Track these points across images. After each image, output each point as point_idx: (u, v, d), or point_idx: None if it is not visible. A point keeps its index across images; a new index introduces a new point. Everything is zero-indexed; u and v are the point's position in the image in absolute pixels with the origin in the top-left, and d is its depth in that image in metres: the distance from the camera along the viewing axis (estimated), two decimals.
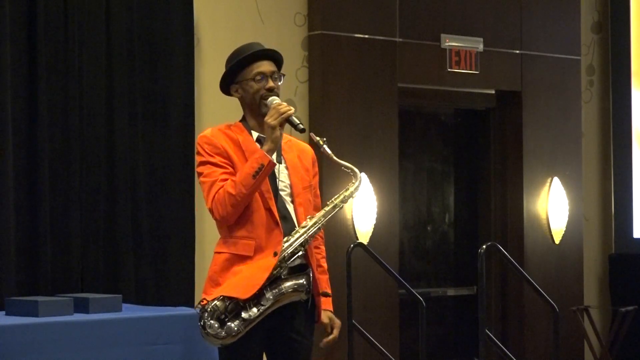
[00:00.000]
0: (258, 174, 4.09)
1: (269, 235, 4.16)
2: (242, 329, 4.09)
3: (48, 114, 6.00)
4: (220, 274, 4.17)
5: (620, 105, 8.75)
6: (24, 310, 4.96)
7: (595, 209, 8.77)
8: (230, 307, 4.11)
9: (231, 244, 4.18)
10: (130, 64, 6.35)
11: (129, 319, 5.06)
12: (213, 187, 4.17)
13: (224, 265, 4.17)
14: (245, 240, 4.16)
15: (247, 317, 4.09)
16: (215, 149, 4.22)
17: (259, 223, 4.17)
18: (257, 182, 4.11)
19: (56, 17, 6.06)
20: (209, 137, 4.26)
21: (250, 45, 4.36)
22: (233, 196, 4.11)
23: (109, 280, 6.17)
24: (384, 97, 7.37)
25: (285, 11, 7.11)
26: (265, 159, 4.10)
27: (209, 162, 4.22)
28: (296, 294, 4.16)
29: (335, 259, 6.83)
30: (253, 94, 4.27)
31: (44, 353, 4.72)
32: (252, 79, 4.27)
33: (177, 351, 5.04)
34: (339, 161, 4.31)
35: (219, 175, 4.18)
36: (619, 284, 8.59)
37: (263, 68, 4.28)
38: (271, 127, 4.13)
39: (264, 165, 4.10)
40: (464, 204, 8.32)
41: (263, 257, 4.14)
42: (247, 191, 4.10)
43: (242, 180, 4.11)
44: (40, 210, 5.94)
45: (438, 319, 8.09)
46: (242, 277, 4.12)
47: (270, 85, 4.26)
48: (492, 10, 7.98)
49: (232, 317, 4.10)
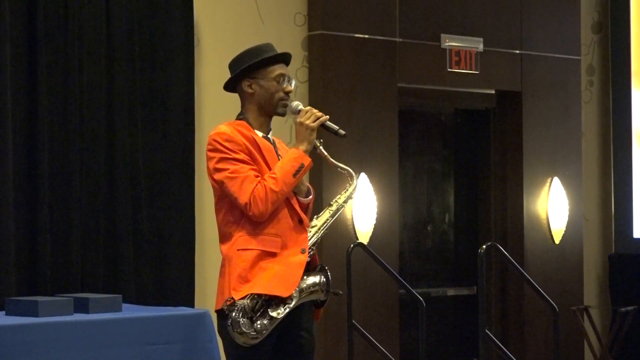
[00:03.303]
0: (298, 172, 4.19)
1: (292, 232, 4.22)
2: (270, 327, 4.11)
3: (48, 114, 6.00)
4: (250, 271, 4.17)
5: (620, 105, 8.75)
6: (24, 310, 4.96)
7: (595, 209, 8.77)
8: (258, 306, 4.12)
9: (258, 240, 4.19)
10: (130, 64, 6.34)
11: (129, 319, 5.06)
12: (248, 182, 4.17)
13: (253, 261, 4.17)
14: (272, 237, 4.19)
15: (275, 315, 4.12)
16: (237, 146, 4.23)
17: (285, 221, 4.21)
18: (296, 181, 4.21)
19: (56, 17, 6.06)
20: (228, 134, 4.25)
21: (268, 45, 4.41)
22: (276, 193, 4.16)
23: (109, 280, 6.17)
24: (384, 97, 7.37)
25: (285, 11, 7.11)
26: (307, 159, 4.21)
27: (234, 158, 4.21)
28: (317, 292, 4.20)
29: (335, 259, 6.83)
30: (273, 93, 4.31)
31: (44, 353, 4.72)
32: (274, 79, 4.31)
33: (177, 351, 5.04)
34: (335, 163, 4.35)
35: (249, 172, 4.19)
36: (619, 284, 8.60)
37: (284, 70, 4.37)
38: (311, 128, 4.25)
39: (304, 165, 4.20)
40: (464, 204, 8.32)
41: (290, 255, 4.17)
42: (288, 189, 4.19)
43: (284, 178, 4.18)
44: (40, 210, 5.94)
45: (438, 319, 8.09)
46: (274, 274, 4.13)
47: (289, 89, 4.34)
48: (492, 10, 7.98)
49: (259, 316, 4.12)
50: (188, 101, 6.53)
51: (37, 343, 4.71)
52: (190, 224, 6.50)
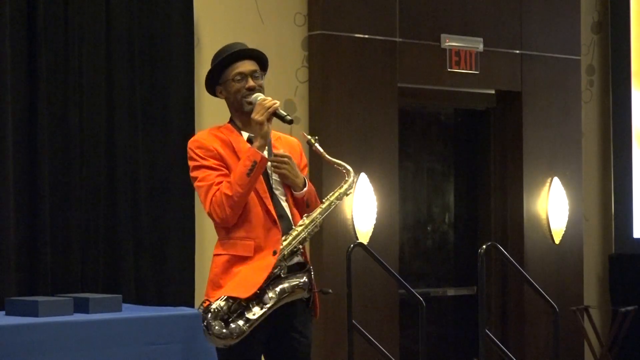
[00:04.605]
0: (252, 171, 4.11)
1: (267, 234, 4.17)
2: (246, 328, 4.10)
3: (48, 114, 6.00)
4: (221, 276, 4.18)
5: (620, 105, 8.75)
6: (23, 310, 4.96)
7: (595, 209, 8.77)
8: (233, 308, 4.12)
9: (230, 245, 4.19)
10: (130, 64, 6.35)
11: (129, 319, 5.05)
12: (210, 191, 4.17)
13: (224, 267, 4.18)
14: (244, 241, 4.17)
15: (251, 316, 4.11)
16: (208, 152, 4.22)
17: (257, 223, 4.18)
18: (252, 179, 4.12)
19: (56, 17, 6.06)
20: (200, 140, 4.27)
21: (231, 45, 4.39)
22: (230, 197, 4.11)
23: (109, 280, 6.17)
24: (384, 97, 7.37)
25: (285, 11, 7.10)
26: (257, 155, 4.12)
27: (203, 165, 4.22)
28: (299, 291, 4.17)
29: (335, 259, 6.84)
30: (234, 94, 4.29)
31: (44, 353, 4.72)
32: (232, 79, 4.29)
33: (177, 351, 5.03)
34: (331, 159, 4.33)
35: (215, 179, 4.18)
36: (619, 284, 8.59)
37: (242, 68, 4.30)
38: (259, 123, 4.15)
39: (257, 162, 4.11)
40: (464, 204, 8.32)
41: (263, 257, 4.14)
42: (243, 190, 4.11)
43: (237, 179, 4.12)
44: (40, 210, 5.94)
45: (438, 319, 8.09)
46: (242, 277, 4.13)
47: (250, 85, 4.28)
48: (492, 10, 7.98)
49: (235, 317, 4.12)
50: (188, 101, 6.53)
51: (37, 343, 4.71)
52: (190, 223, 6.50)
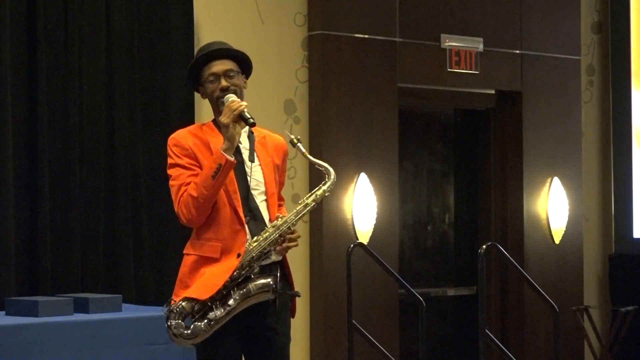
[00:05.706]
0: (217, 173, 4.06)
1: (234, 236, 4.15)
2: (208, 329, 4.10)
3: (48, 114, 6.00)
4: (189, 276, 4.18)
5: (620, 105, 8.75)
6: (24, 310, 4.97)
7: (595, 209, 8.77)
8: (197, 308, 4.12)
9: (198, 246, 4.18)
10: (130, 64, 6.35)
11: (129, 319, 5.06)
12: (179, 191, 4.16)
13: (192, 267, 4.18)
14: (212, 242, 4.16)
15: (213, 317, 4.10)
16: (183, 151, 4.20)
17: (225, 224, 4.16)
18: (217, 182, 4.08)
19: (56, 17, 6.06)
20: (177, 138, 4.24)
21: (208, 45, 4.36)
22: (195, 198, 4.09)
23: (109, 280, 6.17)
24: (384, 97, 7.37)
25: (285, 11, 7.10)
26: (222, 158, 4.08)
27: (177, 164, 4.20)
28: (263, 294, 4.15)
29: (335, 259, 6.84)
30: (210, 94, 4.27)
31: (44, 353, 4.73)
32: (206, 81, 4.27)
33: (177, 351, 5.04)
34: (312, 159, 4.31)
35: (185, 179, 4.16)
36: (619, 284, 8.59)
37: (214, 68, 4.26)
38: (225, 125, 4.11)
39: (222, 165, 4.07)
40: (464, 204, 8.31)
41: (228, 259, 4.13)
42: (208, 192, 4.08)
43: (202, 181, 4.09)
44: (40, 210, 5.94)
45: (438, 319, 8.09)
46: (206, 278, 4.13)
47: (223, 85, 4.24)
48: (492, 10, 7.98)
49: (198, 317, 4.11)
50: (188, 101, 6.53)
51: (37, 343, 4.72)
52: None
